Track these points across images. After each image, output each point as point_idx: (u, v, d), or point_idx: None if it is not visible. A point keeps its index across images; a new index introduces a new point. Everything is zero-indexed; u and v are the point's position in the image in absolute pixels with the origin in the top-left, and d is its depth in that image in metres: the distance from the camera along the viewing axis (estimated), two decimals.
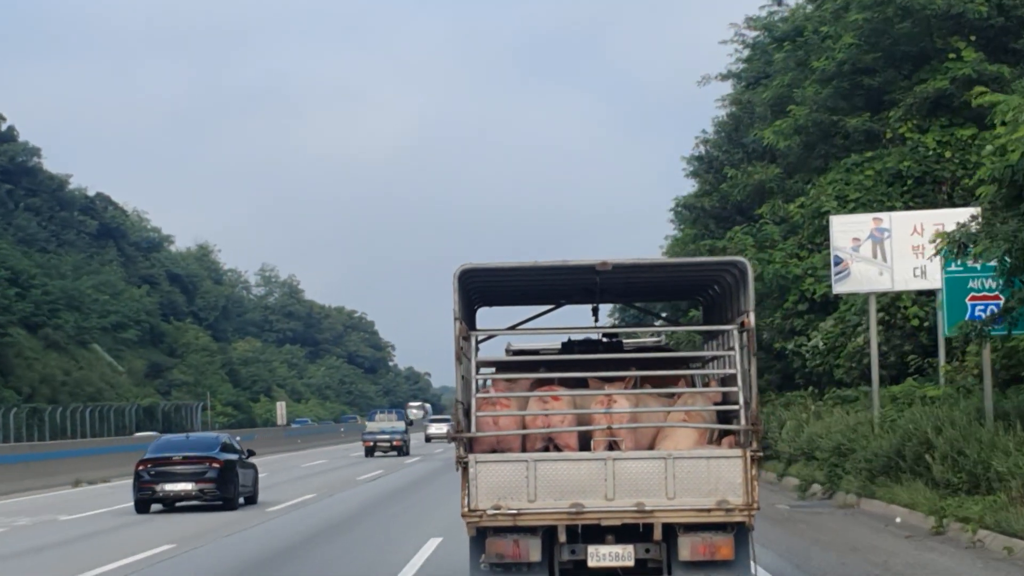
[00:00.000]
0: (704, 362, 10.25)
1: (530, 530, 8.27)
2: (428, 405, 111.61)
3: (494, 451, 8.48)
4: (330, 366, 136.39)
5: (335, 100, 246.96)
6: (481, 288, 9.34)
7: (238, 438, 22.93)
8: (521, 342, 10.64)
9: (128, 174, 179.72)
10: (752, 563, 8.52)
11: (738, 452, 8.23)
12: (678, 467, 8.21)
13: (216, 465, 19.67)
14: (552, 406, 8.54)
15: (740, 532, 8.33)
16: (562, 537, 8.29)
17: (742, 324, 8.40)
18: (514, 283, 9.49)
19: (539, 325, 10.04)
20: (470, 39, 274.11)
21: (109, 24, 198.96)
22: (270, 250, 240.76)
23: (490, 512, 8.21)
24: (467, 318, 8.99)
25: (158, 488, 19.62)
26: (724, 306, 9.35)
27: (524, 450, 8.53)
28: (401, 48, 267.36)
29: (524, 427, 8.59)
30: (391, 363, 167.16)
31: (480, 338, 8.98)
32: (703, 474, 8.20)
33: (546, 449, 8.56)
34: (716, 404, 8.75)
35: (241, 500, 20.38)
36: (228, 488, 19.75)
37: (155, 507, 19.86)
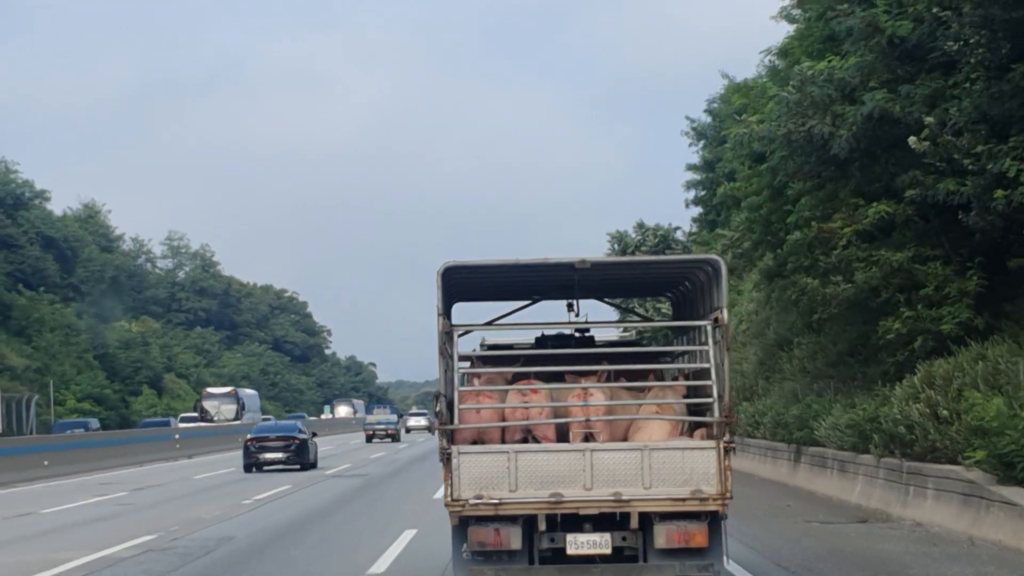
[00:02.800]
0: (675, 357, 12.44)
1: (511, 519, 10.38)
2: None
3: (475, 443, 10.60)
4: (250, 353, 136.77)
5: (290, 83, 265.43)
6: (460, 284, 11.45)
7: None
8: (494, 337, 12.79)
9: (65, 155, 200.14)
10: (725, 550, 10.73)
11: (712, 443, 10.36)
12: (654, 458, 10.33)
13: (297, 441, 37.71)
14: (531, 399, 10.65)
15: (714, 520, 10.46)
16: (542, 526, 10.40)
17: (716, 320, 10.56)
18: (492, 280, 11.65)
19: (515, 320, 12.24)
20: (432, 21, 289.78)
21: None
22: (200, 228, 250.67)
23: (472, 502, 10.31)
24: (445, 313, 11.06)
25: (260, 456, 37.29)
26: (696, 302, 11.54)
27: (504, 442, 10.64)
28: (362, 29, 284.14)
29: (504, 420, 10.70)
30: (327, 351, 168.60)
31: (459, 333, 11.07)
32: (678, 465, 10.32)
33: (524, 441, 10.68)
34: (690, 398, 10.92)
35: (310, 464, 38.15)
36: (304, 457, 37.49)
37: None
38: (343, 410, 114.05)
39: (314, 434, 40.58)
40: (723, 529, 10.66)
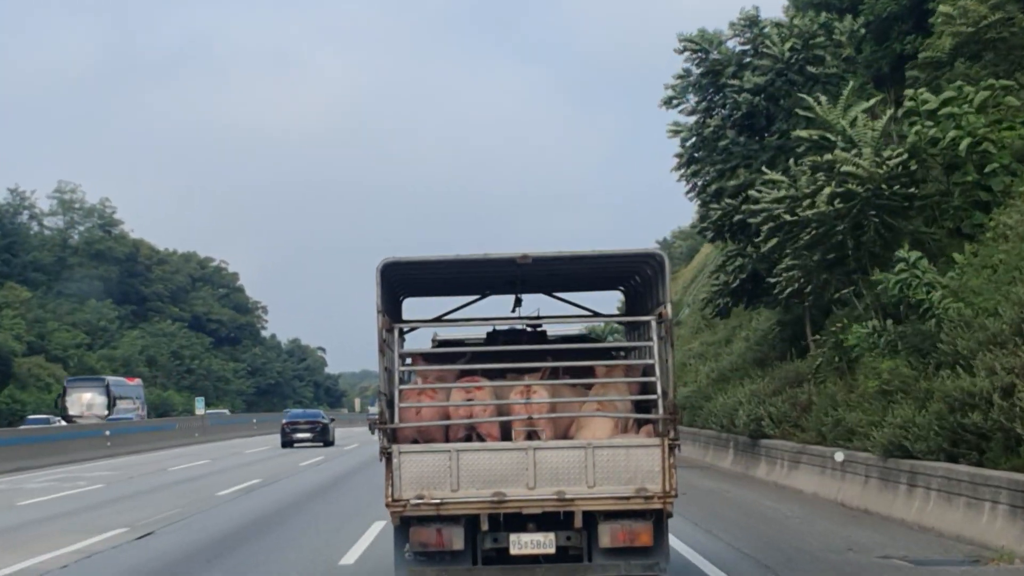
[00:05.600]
0: (626, 353, 15.26)
1: (453, 519, 12.98)
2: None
3: (416, 441, 13.28)
4: (159, 332, 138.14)
5: (257, 63, 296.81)
6: (406, 280, 14.17)
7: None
8: (447, 333, 15.61)
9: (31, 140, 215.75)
10: (668, 549, 13.54)
11: (656, 441, 12.98)
12: (598, 456, 12.92)
13: (320, 424, 67.44)
14: (475, 396, 13.30)
15: (659, 519, 13.10)
16: (484, 526, 12.99)
17: (660, 315, 13.28)
18: (438, 275, 14.36)
19: (467, 315, 15.09)
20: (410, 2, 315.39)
21: None
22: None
23: (413, 502, 12.92)
24: (392, 309, 13.80)
25: (293, 436, 65.70)
26: (644, 297, 14.33)
27: (448, 440, 13.30)
28: (335, 9, 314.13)
29: (447, 417, 13.38)
30: (262, 331, 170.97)
31: (405, 329, 13.84)
32: (622, 463, 12.92)
33: (469, 438, 13.33)
34: (634, 394, 13.68)
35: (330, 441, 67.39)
36: (326, 436, 66.34)
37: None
38: (88, 399, 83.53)
39: (332, 419, 70.77)
40: (666, 528, 13.46)
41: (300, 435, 65.12)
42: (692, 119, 38.91)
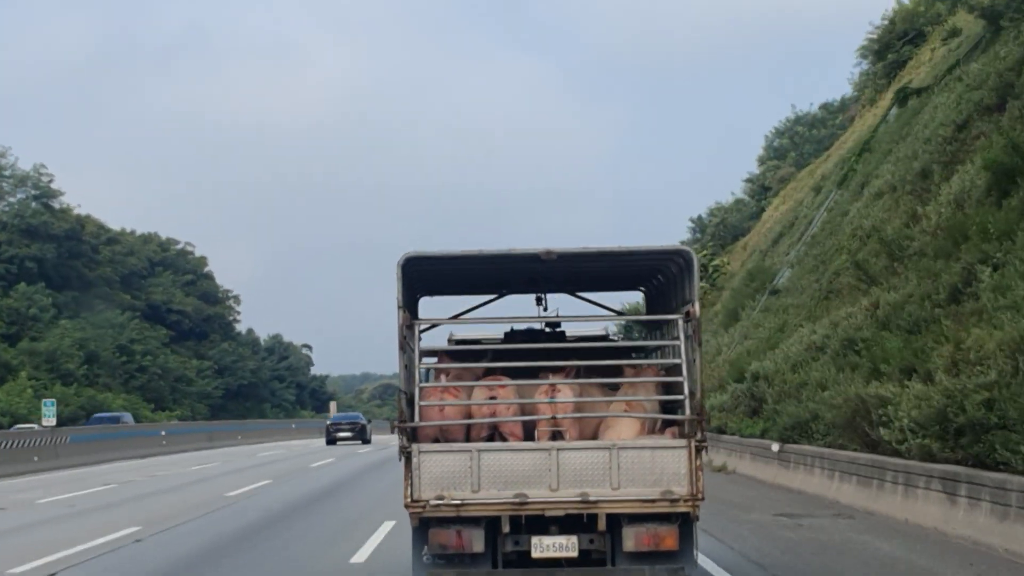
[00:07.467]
0: (648, 352, 17.50)
1: (473, 521, 14.93)
2: None
3: (439, 440, 15.27)
4: (103, 323, 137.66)
5: (258, 57, 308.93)
6: (424, 277, 16.27)
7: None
8: (463, 331, 17.84)
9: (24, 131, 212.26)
10: (696, 553, 15.72)
11: (683, 442, 14.93)
12: (623, 457, 14.85)
13: (360, 425, 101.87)
14: (499, 395, 15.23)
15: (685, 522, 15.06)
16: (505, 528, 14.92)
17: (687, 314, 15.30)
18: (457, 272, 16.48)
19: (484, 314, 17.27)
20: None
21: None
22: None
23: (433, 503, 14.86)
24: (409, 307, 15.82)
25: (336, 434, 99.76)
26: (669, 295, 16.53)
27: (469, 440, 15.28)
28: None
29: (469, 417, 15.33)
30: (235, 324, 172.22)
31: (423, 327, 15.95)
32: (648, 464, 14.84)
33: (491, 438, 15.29)
34: (660, 394, 15.77)
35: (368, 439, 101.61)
36: (364, 435, 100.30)
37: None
38: None
39: (369, 420, 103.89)
40: (694, 532, 15.57)
41: (342, 434, 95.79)
42: None
